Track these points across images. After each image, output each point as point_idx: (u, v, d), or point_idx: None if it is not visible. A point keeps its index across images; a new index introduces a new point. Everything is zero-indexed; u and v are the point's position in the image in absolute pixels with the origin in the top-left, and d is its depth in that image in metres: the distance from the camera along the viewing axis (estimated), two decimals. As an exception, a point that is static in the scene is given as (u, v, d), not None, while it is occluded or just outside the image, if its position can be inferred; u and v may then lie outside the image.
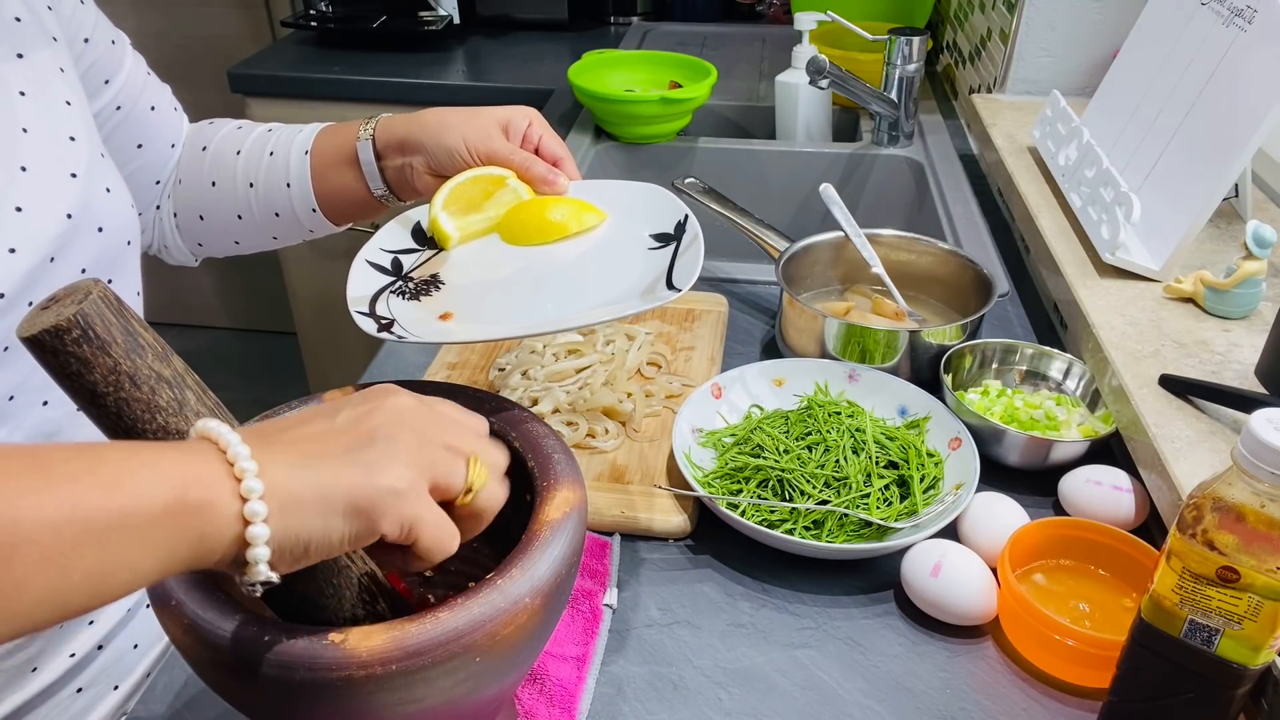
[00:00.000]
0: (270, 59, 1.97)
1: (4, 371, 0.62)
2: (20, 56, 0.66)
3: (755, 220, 1.09)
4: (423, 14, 1.99)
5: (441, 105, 1.94)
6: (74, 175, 0.67)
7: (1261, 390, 0.77)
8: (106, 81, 0.78)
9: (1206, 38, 0.96)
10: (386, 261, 0.71)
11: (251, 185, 0.84)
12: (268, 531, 0.38)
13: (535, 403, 0.88)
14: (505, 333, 0.64)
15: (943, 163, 1.41)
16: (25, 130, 0.64)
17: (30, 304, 0.61)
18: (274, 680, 0.42)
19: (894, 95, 1.41)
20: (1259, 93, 0.85)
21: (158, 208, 0.88)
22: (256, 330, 2.90)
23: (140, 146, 0.82)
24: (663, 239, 0.70)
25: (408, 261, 0.71)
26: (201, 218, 0.87)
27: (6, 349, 0.62)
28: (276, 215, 0.85)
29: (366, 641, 0.42)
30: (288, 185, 0.83)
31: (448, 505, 0.45)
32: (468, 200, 0.72)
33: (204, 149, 0.86)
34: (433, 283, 0.68)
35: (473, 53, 1.99)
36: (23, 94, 0.66)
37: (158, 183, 0.86)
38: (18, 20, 0.67)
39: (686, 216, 0.71)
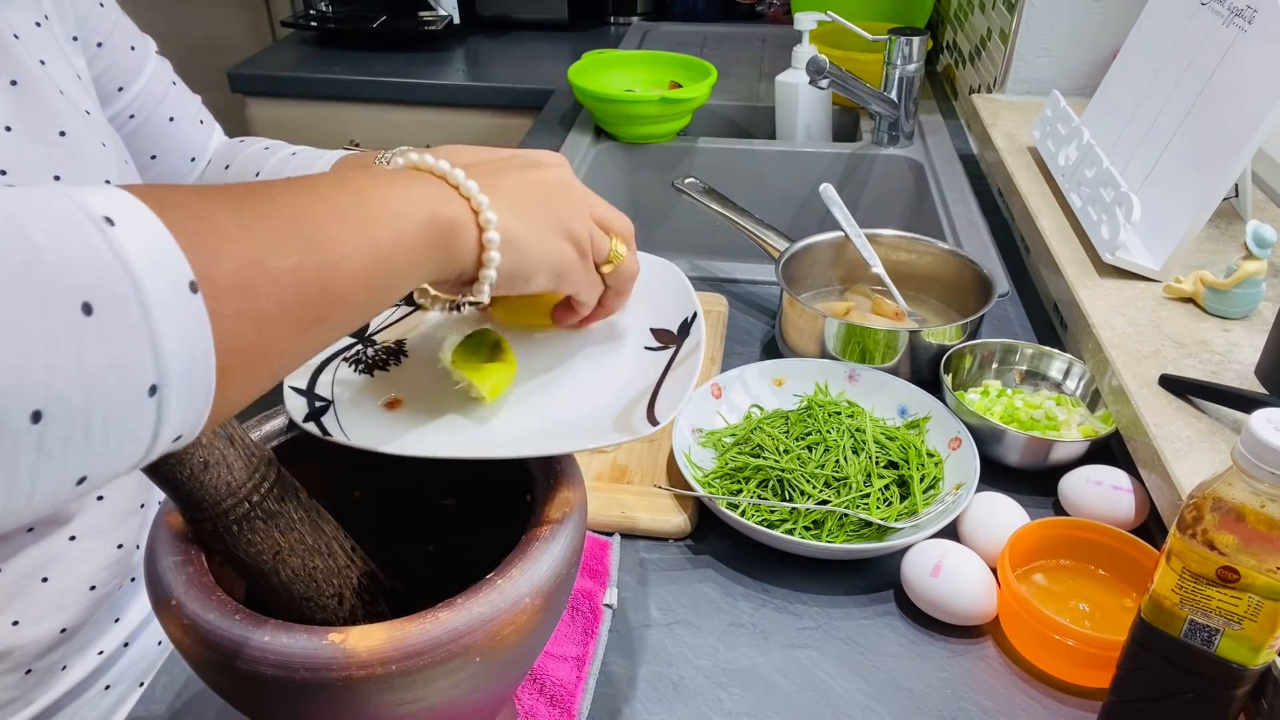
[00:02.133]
0: (270, 59, 1.97)
1: None
2: (43, 63, 0.66)
3: (755, 220, 1.09)
4: (423, 14, 1.99)
5: (441, 105, 1.93)
6: (108, 183, 0.66)
7: (1261, 390, 0.77)
8: (120, 89, 0.76)
9: (1206, 38, 0.96)
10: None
11: None
12: (499, 258, 0.47)
13: (535, 403, 0.88)
14: (448, 451, 0.52)
15: (943, 163, 1.41)
16: (62, 134, 0.64)
17: None
18: (274, 680, 0.42)
19: (894, 95, 1.41)
20: (1259, 93, 0.85)
21: None
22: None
23: (154, 158, 0.81)
24: (664, 339, 0.62)
25: (376, 320, 0.63)
26: None
27: None
28: None
29: (366, 641, 0.42)
30: None
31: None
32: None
33: (226, 167, 0.85)
34: (396, 352, 0.60)
35: (473, 53, 1.99)
36: (62, 93, 0.65)
37: None
38: (42, 20, 0.67)
39: (695, 315, 0.64)
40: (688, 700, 0.65)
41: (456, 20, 2.01)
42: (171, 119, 0.81)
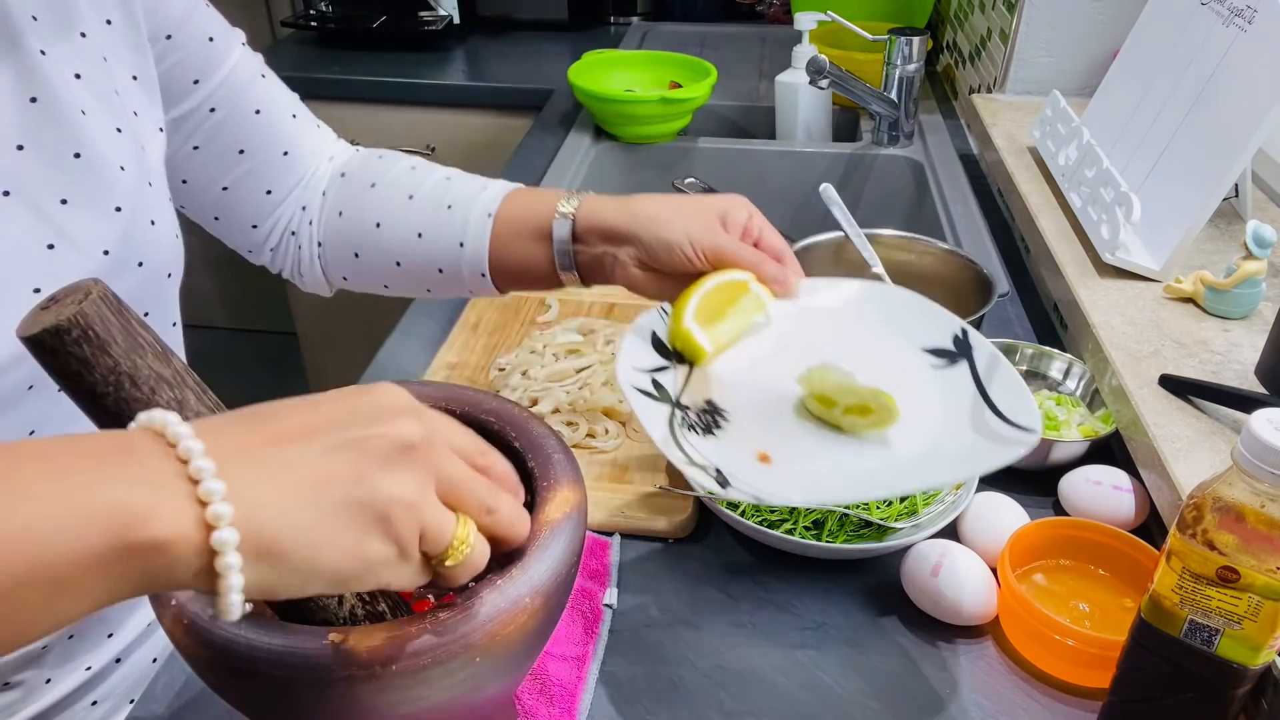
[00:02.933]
0: (270, 59, 1.95)
1: (25, 408, 0.60)
2: (78, 77, 0.62)
3: (755, 220, 1.09)
4: (423, 14, 1.99)
5: (441, 105, 1.93)
6: (118, 209, 0.63)
7: (1261, 390, 0.77)
8: (196, 81, 0.72)
9: (1206, 38, 0.96)
10: (649, 384, 0.60)
11: (420, 236, 0.77)
12: (241, 581, 0.33)
13: (535, 403, 0.88)
14: (865, 494, 0.56)
15: (943, 163, 1.41)
16: (77, 155, 0.61)
17: None
18: (274, 680, 0.42)
19: (894, 95, 1.41)
20: (1259, 93, 0.85)
21: (293, 233, 0.82)
22: (256, 330, 2.90)
23: (242, 153, 0.76)
24: (942, 354, 0.63)
25: (666, 381, 0.61)
26: (357, 255, 0.80)
27: (31, 387, 0.60)
28: (440, 271, 0.78)
29: (366, 641, 0.42)
30: (460, 245, 0.76)
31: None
32: (712, 308, 0.63)
33: (372, 185, 0.80)
34: (713, 412, 0.59)
35: (473, 53, 1.99)
36: (84, 113, 0.62)
37: (269, 192, 0.79)
38: (109, 23, 0.64)
39: (964, 331, 0.63)
40: (688, 700, 0.65)
41: (456, 20, 2.01)
42: (258, 111, 0.76)
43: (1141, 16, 1.11)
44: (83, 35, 0.63)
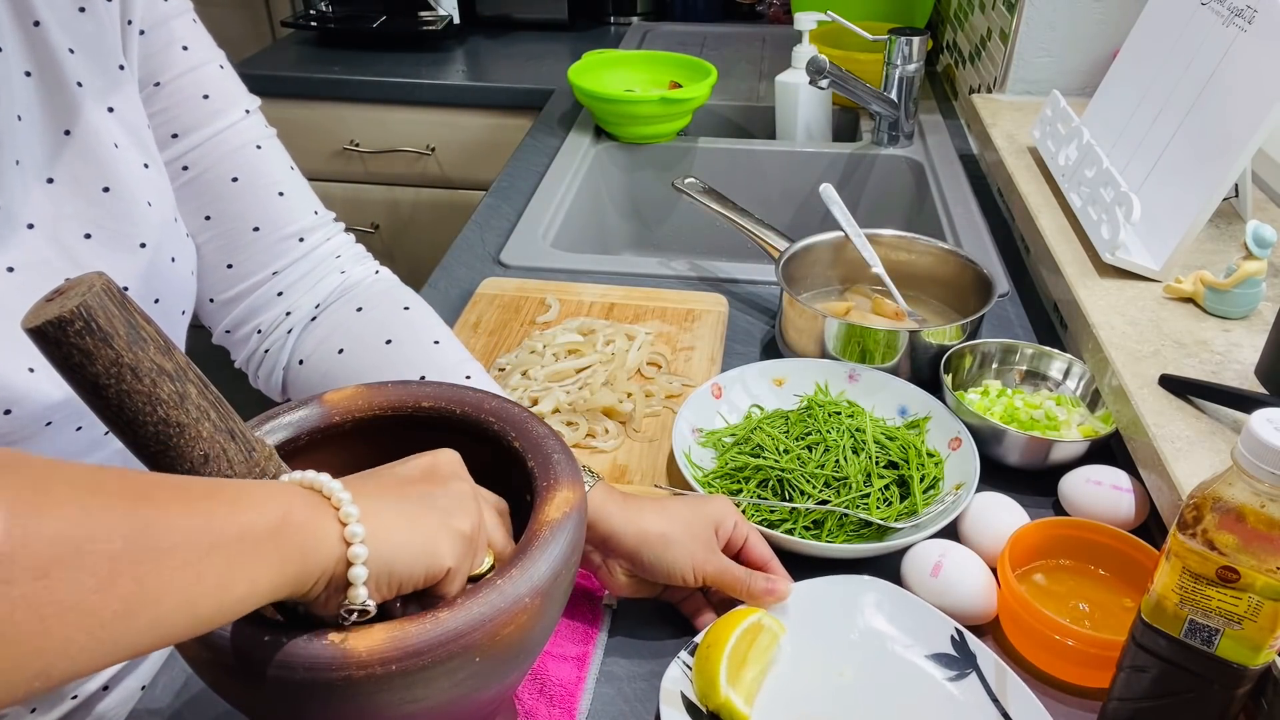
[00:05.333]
0: (270, 59, 1.97)
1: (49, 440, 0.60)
2: (111, 110, 0.62)
3: (755, 220, 1.09)
4: (423, 14, 1.99)
5: (442, 105, 1.93)
6: (143, 245, 0.62)
7: (1261, 390, 0.77)
8: (175, 135, 0.68)
9: (1206, 38, 0.96)
10: None
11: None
12: (366, 552, 0.42)
13: (535, 403, 0.88)
14: None
15: (943, 163, 1.41)
16: (106, 190, 0.60)
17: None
18: (274, 680, 0.42)
19: (894, 95, 1.41)
20: (1259, 93, 0.85)
21: (259, 331, 0.74)
22: (256, 330, 2.90)
23: (208, 219, 0.70)
24: (948, 662, 0.65)
25: None
26: (325, 374, 0.73)
27: (50, 424, 0.59)
28: None
29: (366, 641, 0.42)
30: None
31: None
32: (738, 662, 0.62)
33: (359, 310, 0.74)
34: None
35: (473, 53, 1.99)
36: (116, 146, 0.61)
37: (229, 266, 0.72)
38: (121, 68, 0.63)
39: (960, 632, 0.66)
40: (688, 700, 0.65)
41: (456, 20, 2.01)
42: (235, 179, 0.70)
43: (1141, 16, 1.11)
44: (120, 68, 0.63)
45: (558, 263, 1.17)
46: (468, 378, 0.71)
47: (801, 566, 0.74)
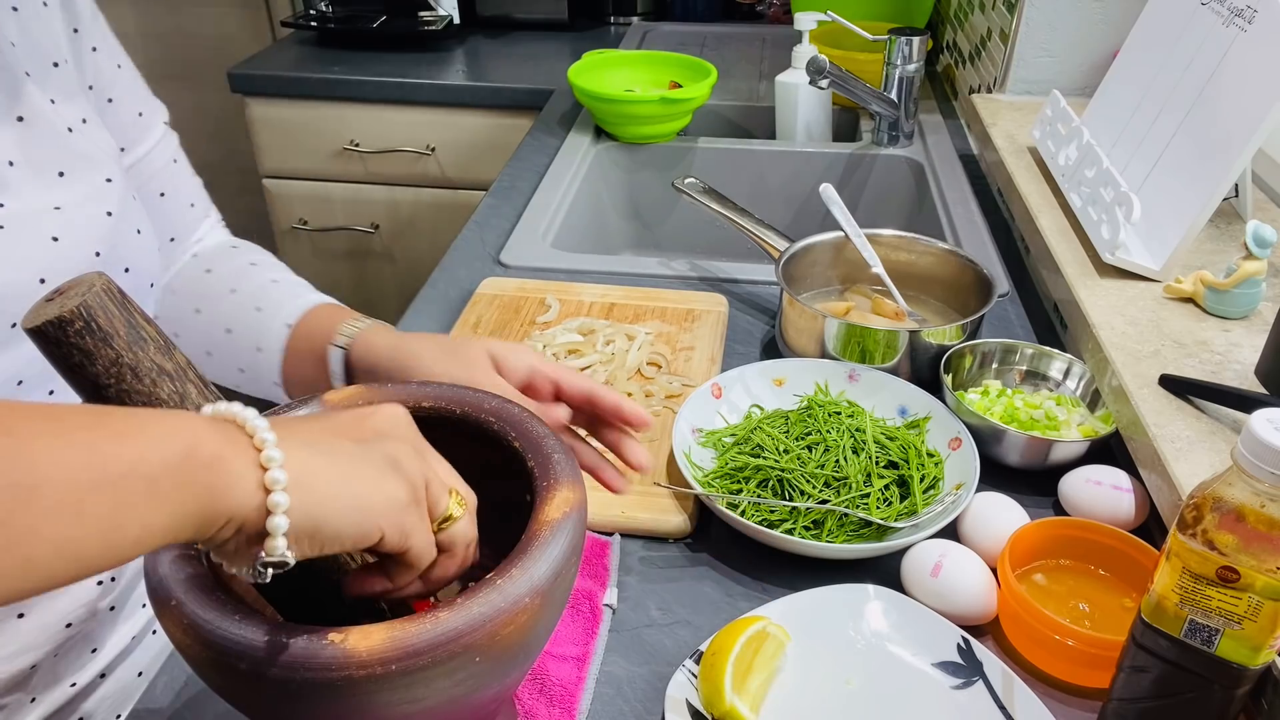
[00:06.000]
0: (270, 59, 1.97)
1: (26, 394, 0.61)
2: (53, 102, 0.65)
3: (755, 220, 1.09)
4: (423, 14, 1.99)
5: (441, 105, 1.93)
6: (109, 214, 0.65)
7: (1261, 390, 0.77)
8: (122, 149, 0.72)
9: (1206, 38, 0.96)
10: None
11: (228, 331, 0.76)
12: (287, 500, 0.38)
13: (535, 403, 0.88)
14: None
15: (943, 163, 1.41)
16: (61, 175, 0.63)
17: None
18: (274, 680, 0.42)
19: (894, 95, 1.41)
20: (1259, 93, 0.85)
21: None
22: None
23: (139, 232, 0.74)
24: (954, 670, 0.65)
25: None
26: (177, 335, 0.78)
27: (21, 383, 0.61)
28: (241, 370, 0.76)
29: (366, 641, 0.42)
30: (258, 350, 0.74)
31: None
32: (743, 669, 0.63)
33: (207, 271, 0.79)
34: None
35: (473, 53, 1.99)
36: (70, 130, 0.64)
37: (127, 270, 0.76)
38: (56, 65, 0.66)
39: (965, 639, 0.66)
40: (688, 700, 0.65)
41: (456, 20, 2.01)
42: (162, 194, 0.76)
43: (1141, 16, 1.11)
44: (55, 65, 0.65)
45: (558, 263, 1.17)
46: (274, 282, 0.77)
47: (801, 566, 0.74)
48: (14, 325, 0.59)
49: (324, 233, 2.01)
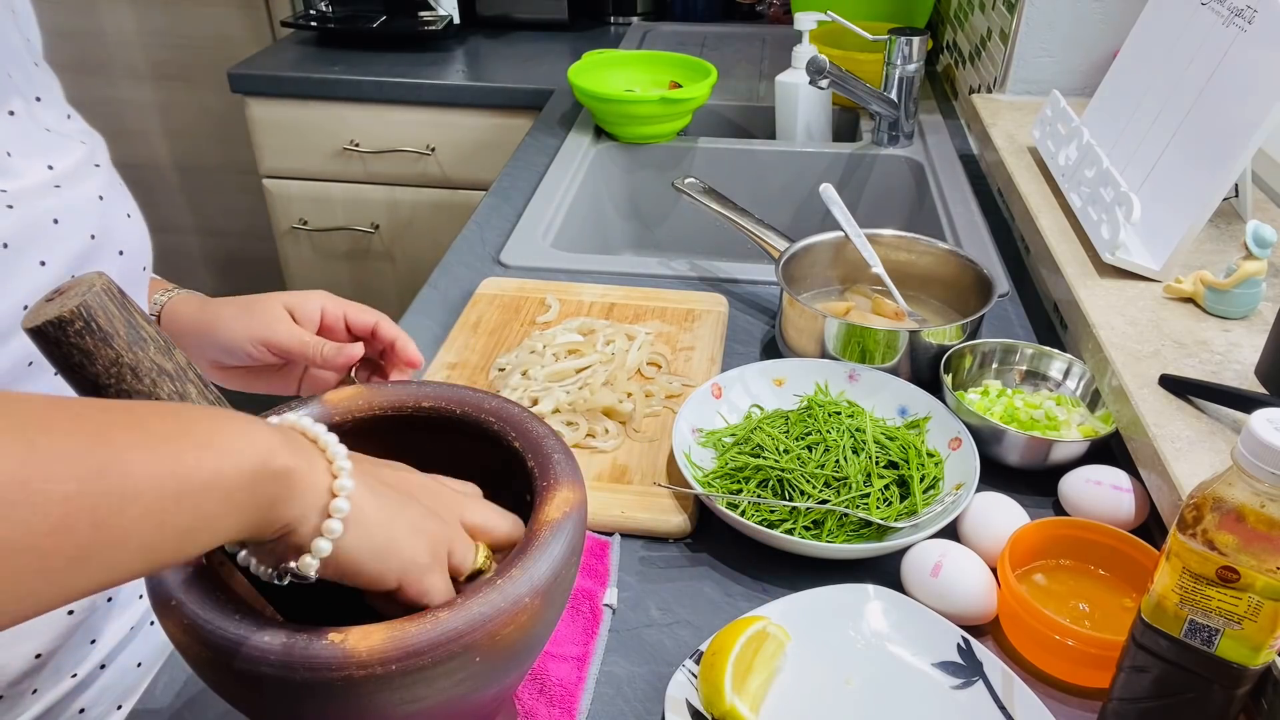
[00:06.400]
0: (270, 59, 1.97)
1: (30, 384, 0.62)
2: (39, 100, 0.66)
3: (755, 220, 1.09)
4: (423, 14, 1.99)
5: (441, 105, 1.93)
6: (101, 198, 0.66)
7: (1261, 390, 0.77)
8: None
9: (1206, 38, 0.96)
10: None
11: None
12: (341, 530, 0.41)
13: (535, 403, 0.88)
14: None
15: (943, 163, 1.41)
16: (50, 168, 0.64)
17: None
18: (274, 680, 0.42)
19: (894, 95, 1.41)
20: (1259, 93, 0.85)
21: None
22: (256, 330, 2.90)
23: (129, 216, 0.74)
24: (957, 671, 0.65)
25: None
26: None
27: (31, 364, 0.61)
28: None
29: (366, 641, 0.42)
30: None
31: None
32: (743, 668, 0.63)
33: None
34: None
35: (473, 53, 1.99)
36: (48, 130, 0.66)
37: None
38: (36, 65, 0.67)
39: (965, 640, 0.66)
40: (688, 700, 0.65)
41: (456, 20, 2.01)
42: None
43: (1141, 16, 1.11)
44: (35, 65, 0.66)
45: (558, 263, 1.17)
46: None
47: (802, 566, 0.74)
48: (25, 308, 0.59)
49: (324, 233, 2.01)
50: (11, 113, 0.63)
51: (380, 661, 0.42)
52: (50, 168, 0.64)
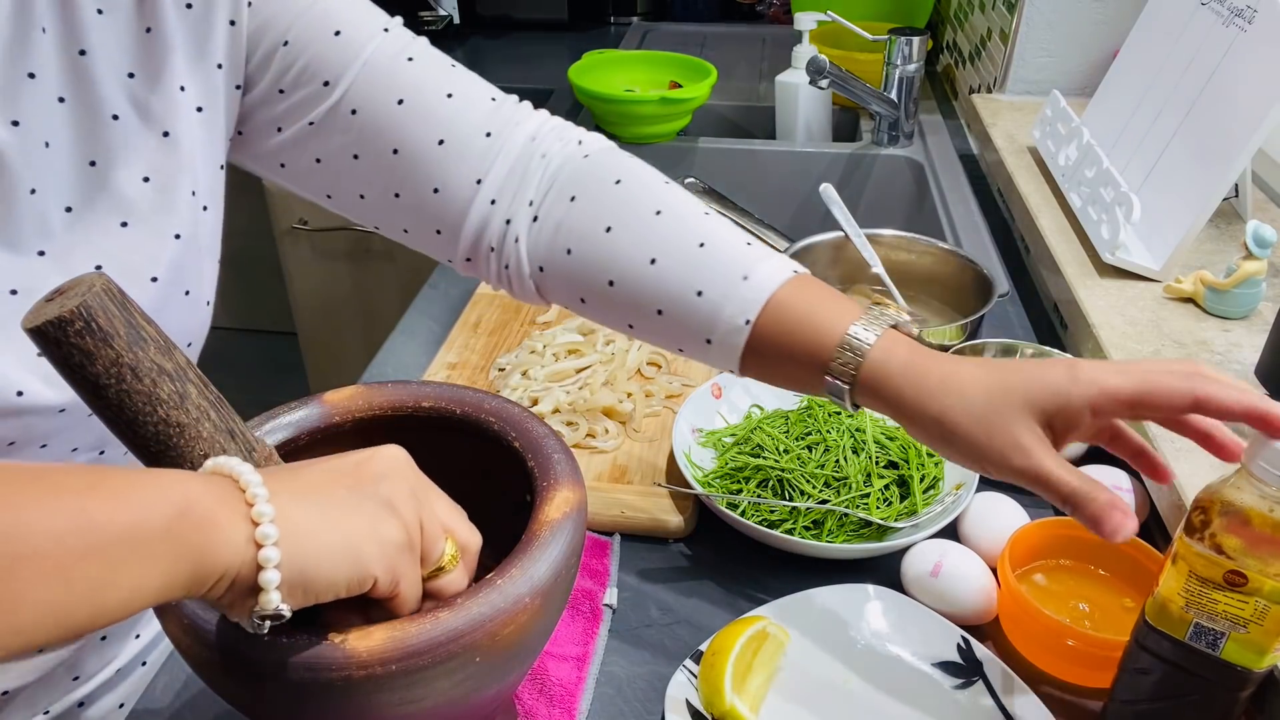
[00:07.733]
0: (269, 58, 1.96)
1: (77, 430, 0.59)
2: (166, 135, 0.59)
3: (755, 220, 1.09)
4: (423, 14, 1.98)
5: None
6: (154, 280, 0.60)
7: (1262, 390, 0.77)
8: (326, 83, 0.62)
9: (1206, 38, 0.96)
10: None
11: (660, 313, 0.62)
12: (279, 555, 0.38)
13: (535, 403, 0.88)
14: None
15: (943, 163, 1.41)
16: (125, 225, 0.58)
17: None
18: (274, 680, 0.42)
19: (894, 95, 1.41)
20: (1259, 93, 0.85)
21: (492, 249, 0.66)
22: (256, 330, 2.90)
23: (396, 152, 0.64)
24: (955, 670, 0.65)
25: None
26: (584, 301, 0.66)
27: (64, 410, 0.57)
28: (681, 350, 0.64)
29: (366, 641, 0.42)
30: (708, 342, 0.61)
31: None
32: (743, 669, 0.62)
33: (572, 199, 0.65)
34: None
35: (473, 53, 1.99)
36: (146, 180, 0.59)
37: (436, 191, 0.65)
38: (219, 67, 0.60)
39: (966, 640, 0.66)
40: (688, 701, 0.64)
41: (456, 20, 2.01)
42: (400, 102, 0.63)
43: (1141, 16, 1.11)
44: (182, 89, 0.59)
45: (557, 262, 1.16)
46: (705, 214, 0.64)
47: (802, 566, 0.74)
48: (20, 394, 0.55)
49: (324, 233, 2.01)
50: (93, 163, 0.57)
51: (380, 662, 0.42)
52: (124, 225, 0.59)
